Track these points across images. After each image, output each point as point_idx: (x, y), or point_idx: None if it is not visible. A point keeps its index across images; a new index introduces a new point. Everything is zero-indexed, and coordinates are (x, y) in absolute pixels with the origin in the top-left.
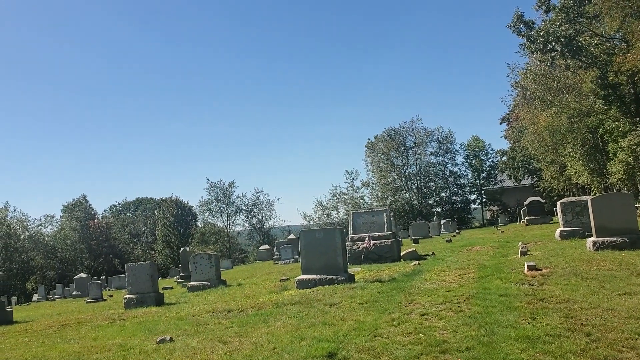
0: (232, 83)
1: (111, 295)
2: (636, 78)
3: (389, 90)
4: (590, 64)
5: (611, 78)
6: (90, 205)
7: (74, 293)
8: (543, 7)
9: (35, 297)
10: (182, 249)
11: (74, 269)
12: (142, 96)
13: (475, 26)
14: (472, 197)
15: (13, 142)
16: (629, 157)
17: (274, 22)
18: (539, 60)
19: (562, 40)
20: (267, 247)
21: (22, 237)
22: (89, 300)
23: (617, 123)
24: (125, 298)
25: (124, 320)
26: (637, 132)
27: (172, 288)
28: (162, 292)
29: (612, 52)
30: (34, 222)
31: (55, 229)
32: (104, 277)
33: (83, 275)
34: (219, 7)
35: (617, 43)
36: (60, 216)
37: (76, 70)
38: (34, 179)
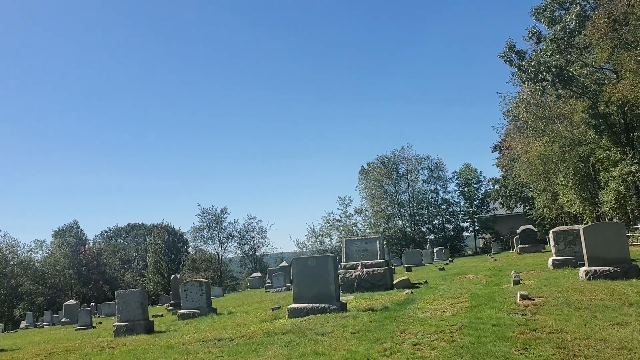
0: (226, 110)
1: (101, 323)
2: (626, 108)
3: (382, 118)
4: (581, 93)
5: (602, 108)
6: (81, 230)
7: (63, 320)
8: (534, 37)
9: (23, 324)
10: (172, 276)
11: (64, 296)
12: (136, 122)
13: (466, 55)
14: (465, 224)
15: (4, 166)
16: (620, 186)
17: (268, 52)
18: (531, 90)
19: (553, 70)
20: (259, 274)
21: (11, 262)
22: (78, 327)
23: (608, 152)
24: (114, 325)
25: (113, 348)
26: (628, 161)
27: (162, 316)
28: (152, 319)
29: (603, 82)
30: (24, 247)
31: (46, 254)
32: (93, 303)
33: (72, 301)
34: (211, 38)
35: (607, 73)
36: (51, 241)
37: (68, 94)
38: (25, 204)
